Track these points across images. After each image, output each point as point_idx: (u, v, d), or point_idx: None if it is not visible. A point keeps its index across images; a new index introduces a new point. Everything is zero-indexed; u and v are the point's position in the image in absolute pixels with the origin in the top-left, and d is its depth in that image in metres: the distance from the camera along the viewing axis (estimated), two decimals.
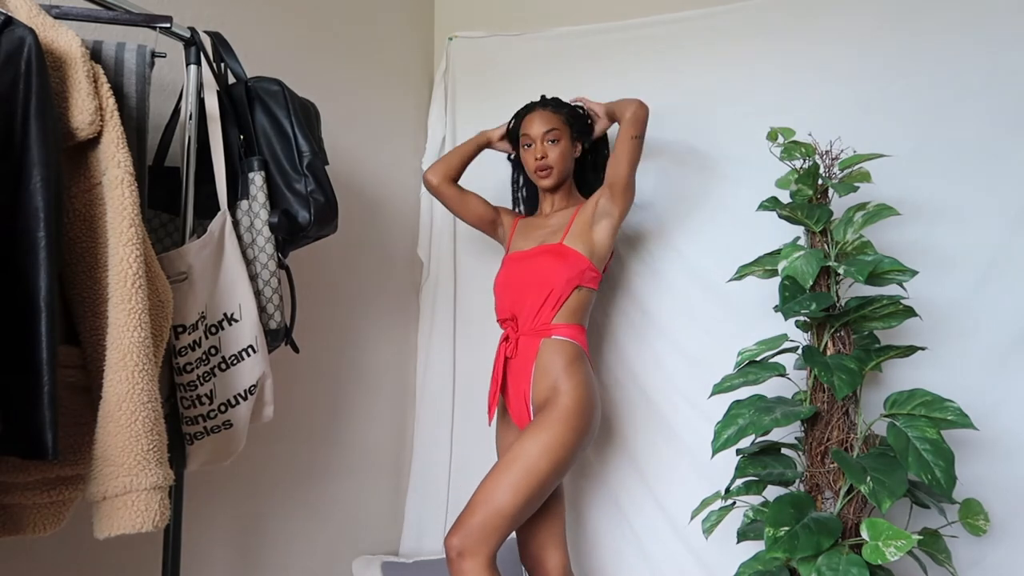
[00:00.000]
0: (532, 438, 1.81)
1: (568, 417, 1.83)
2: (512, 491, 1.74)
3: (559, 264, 1.98)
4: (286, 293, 1.58)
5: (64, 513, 1.22)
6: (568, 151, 2.12)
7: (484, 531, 1.72)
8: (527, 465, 1.76)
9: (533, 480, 1.76)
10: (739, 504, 1.83)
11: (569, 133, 2.12)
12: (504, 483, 1.76)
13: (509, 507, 1.73)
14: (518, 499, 1.74)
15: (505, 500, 1.74)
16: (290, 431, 2.08)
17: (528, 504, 1.77)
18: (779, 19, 2.33)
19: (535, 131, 2.09)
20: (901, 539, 1.46)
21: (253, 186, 1.50)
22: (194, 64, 1.46)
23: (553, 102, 2.16)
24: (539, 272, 2.00)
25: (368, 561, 2.34)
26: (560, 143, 2.09)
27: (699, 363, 2.23)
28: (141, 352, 1.14)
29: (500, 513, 1.73)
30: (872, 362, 1.73)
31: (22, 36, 1.07)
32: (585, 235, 2.02)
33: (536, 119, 2.11)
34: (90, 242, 1.19)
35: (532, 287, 1.99)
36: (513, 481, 1.75)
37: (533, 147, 2.10)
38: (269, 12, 2.07)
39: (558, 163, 2.08)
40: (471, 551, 1.71)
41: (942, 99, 2.11)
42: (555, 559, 1.98)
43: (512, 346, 1.99)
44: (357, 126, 2.43)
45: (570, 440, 1.82)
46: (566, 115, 2.13)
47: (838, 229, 1.78)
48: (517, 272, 2.06)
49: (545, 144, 2.08)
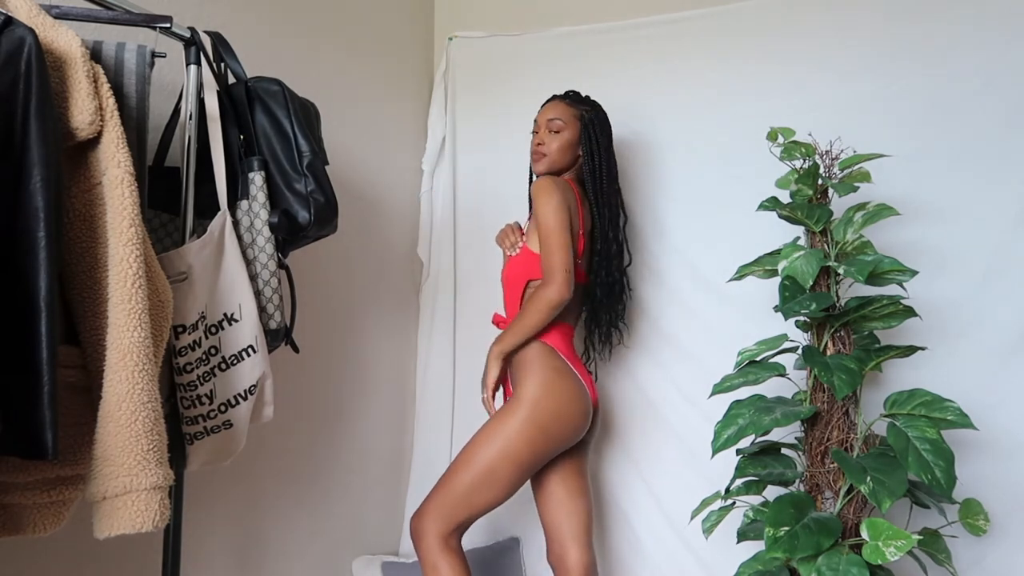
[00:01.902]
0: (482, 429, 1.90)
1: (518, 408, 1.87)
2: (459, 475, 1.86)
3: (515, 262, 2.04)
4: (286, 293, 1.58)
5: (64, 513, 1.22)
6: (569, 145, 2.06)
7: (438, 512, 1.85)
8: (473, 452, 1.87)
9: (479, 465, 1.85)
10: (739, 504, 1.83)
11: (577, 128, 2.06)
12: (453, 468, 1.89)
13: (457, 490, 1.85)
14: (463, 483, 1.85)
15: (452, 484, 1.86)
16: (290, 431, 2.08)
17: (478, 489, 1.85)
18: (779, 19, 2.33)
19: (541, 118, 2.09)
20: (901, 539, 1.46)
21: (253, 186, 1.50)
22: (194, 64, 1.46)
23: (573, 95, 2.13)
24: (506, 271, 2.07)
25: (368, 561, 2.34)
26: (562, 134, 2.04)
27: (699, 363, 2.23)
28: (141, 352, 1.14)
29: (450, 494, 1.85)
30: (872, 362, 1.73)
31: (22, 36, 1.07)
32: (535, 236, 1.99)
33: (549, 107, 2.09)
34: (90, 242, 1.19)
35: (504, 286, 2.08)
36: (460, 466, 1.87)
37: (538, 133, 2.08)
38: (269, 12, 2.07)
39: (553, 151, 2.04)
40: (425, 530, 1.85)
41: (942, 99, 2.11)
42: (575, 556, 1.96)
43: None
44: (357, 126, 2.43)
45: (514, 428, 1.85)
46: (579, 112, 2.08)
47: (838, 229, 1.78)
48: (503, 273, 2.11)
49: (547, 132, 2.06)
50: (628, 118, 2.47)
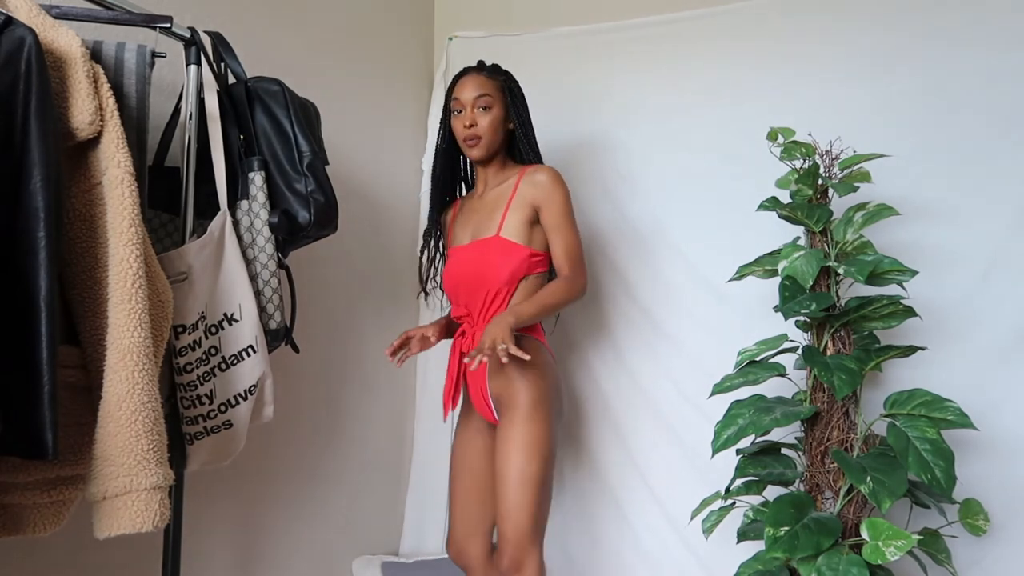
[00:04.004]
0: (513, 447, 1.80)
1: (534, 412, 1.80)
2: (525, 507, 1.78)
3: (500, 259, 1.89)
4: (286, 293, 1.58)
5: (64, 513, 1.22)
6: (500, 120, 1.96)
7: (522, 549, 1.78)
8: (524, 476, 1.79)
9: (536, 486, 1.79)
10: (739, 504, 1.83)
11: (503, 101, 1.97)
12: (514, 503, 1.79)
13: (529, 520, 1.78)
14: (532, 509, 1.78)
15: (523, 518, 1.78)
16: (290, 431, 2.08)
17: (543, 505, 1.82)
18: (779, 19, 2.33)
19: (465, 96, 1.94)
20: (901, 539, 1.46)
21: (253, 186, 1.50)
22: (194, 64, 1.46)
23: (490, 67, 2.01)
24: (481, 268, 1.91)
25: (368, 561, 2.34)
26: (491, 110, 1.93)
27: (699, 363, 2.23)
28: (141, 352, 1.14)
29: (526, 530, 1.78)
30: (872, 362, 1.73)
31: (22, 36, 1.07)
32: (522, 226, 1.91)
33: (468, 83, 1.96)
34: (90, 242, 1.19)
35: (478, 283, 1.92)
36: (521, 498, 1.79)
37: (463, 113, 1.95)
38: (269, 12, 2.07)
39: (488, 132, 1.93)
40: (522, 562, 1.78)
41: (942, 99, 2.11)
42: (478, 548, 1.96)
43: (468, 340, 1.93)
44: (357, 126, 2.43)
45: (544, 432, 1.81)
46: (502, 82, 1.98)
47: (838, 229, 1.78)
48: (461, 268, 1.96)
49: (475, 111, 1.93)
50: (628, 118, 2.47)
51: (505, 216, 1.92)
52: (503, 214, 1.92)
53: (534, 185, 1.92)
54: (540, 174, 1.93)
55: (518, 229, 1.91)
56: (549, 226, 1.91)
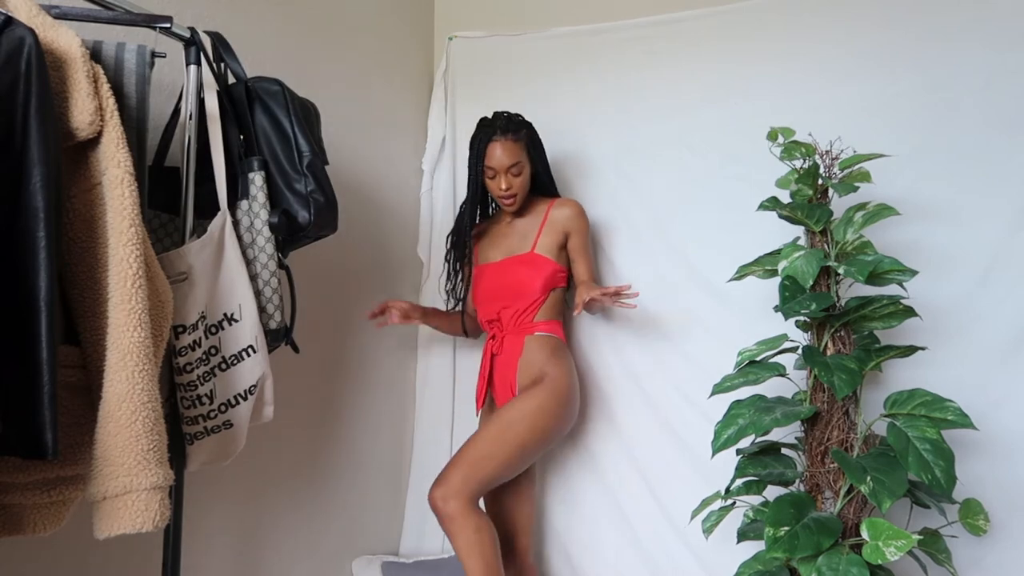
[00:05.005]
0: (514, 406, 2.02)
1: (553, 389, 2.05)
2: (492, 450, 1.94)
3: (535, 273, 2.19)
4: (286, 293, 1.58)
5: (64, 513, 1.22)
6: (528, 176, 2.21)
7: (465, 483, 1.91)
8: (508, 427, 1.97)
9: (512, 440, 1.96)
10: (739, 504, 1.83)
11: (529, 158, 2.20)
12: (485, 443, 1.96)
13: (489, 465, 1.94)
14: (497, 458, 1.94)
15: (484, 458, 1.94)
16: (290, 431, 2.08)
17: (508, 464, 1.96)
18: (779, 19, 2.33)
19: (498, 164, 2.16)
20: (901, 539, 1.46)
21: (253, 186, 1.50)
22: (194, 64, 1.46)
23: (511, 128, 2.16)
24: (517, 281, 2.19)
25: (368, 561, 2.34)
26: (523, 173, 2.18)
27: (699, 363, 2.23)
28: (141, 352, 1.14)
29: (480, 469, 1.92)
30: (872, 362, 1.73)
31: (22, 36, 1.07)
32: (553, 247, 2.21)
33: (499, 151, 2.15)
34: (90, 242, 1.19)
35: (512, 294, 2.19)
36: (493, 440, 1.96)
37: (497, 178, 2.18)
38: (269, 12, 2.07)
39: (521, 190, 2.20)
40: (454, 495, 1.89)
41: (942, 99, 2.11)
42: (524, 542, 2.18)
43: (498, 343, 2.20)
44: (357, 126, 2.43)
45: (551, 408, 2.02)
46: (525, 142, 2.18)
47: (838, 229, 1.78)
48: (496, 282, 2.23)
49: (509, 176, 2.16)
50: (628, 118, 2.47)
51: (538, 238, 2.22)
52: (536, 236, 2.22)
53: (564, 215, 2.22)
54: (568, 207, 2.24)
55: (549, 249, 2.21)
56: (574, 248, 2.23)
